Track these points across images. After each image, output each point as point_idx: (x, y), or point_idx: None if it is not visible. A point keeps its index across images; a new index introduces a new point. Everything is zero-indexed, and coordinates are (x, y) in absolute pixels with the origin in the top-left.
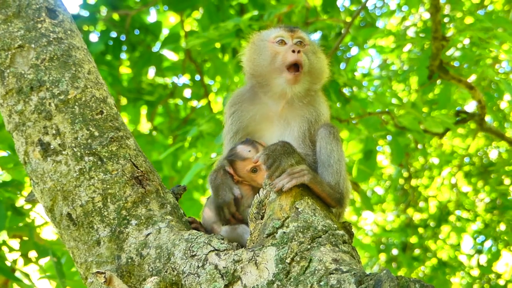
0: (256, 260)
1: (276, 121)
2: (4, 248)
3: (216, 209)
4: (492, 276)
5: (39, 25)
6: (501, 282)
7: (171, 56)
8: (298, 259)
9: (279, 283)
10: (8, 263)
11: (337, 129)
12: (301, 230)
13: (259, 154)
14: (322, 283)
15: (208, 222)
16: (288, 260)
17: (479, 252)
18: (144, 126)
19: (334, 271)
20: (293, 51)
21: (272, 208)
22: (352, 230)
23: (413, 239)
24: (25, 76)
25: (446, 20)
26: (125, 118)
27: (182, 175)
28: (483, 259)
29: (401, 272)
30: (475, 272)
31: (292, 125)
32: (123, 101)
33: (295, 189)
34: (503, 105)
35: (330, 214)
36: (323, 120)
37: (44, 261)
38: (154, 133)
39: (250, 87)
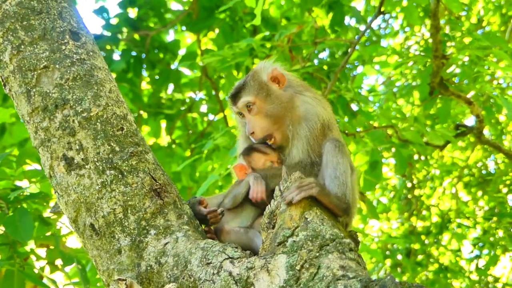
0: (268, 267)
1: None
2: (32, 257)
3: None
4: (490, 279)
5: (63, 47)
6: (499, 285)
7: (188, 73)
8: (308, 266)
9: None
10: (36, 271)
11: (343, 143)
12: (310, 238)
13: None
14: None
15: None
16: (298, 267)
17: (478, 257)
18: (164, 140)
19: (341, 277)
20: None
21: (282, 218)
22: (358, 238)
23: (417, 246)
24: (50, 95)
25: (446, 39)
26: (146, 130)
27: (200, 185)
28: (482, 264)
29: (405, 277)
30: (475, 277)
31: (294, 143)
32: (144, 115)
33: (304, 200)
34: (502, 118)
35: (337, 224)
36: (321, 120)
37: (70, 268)
38: (173, 146)
39: None
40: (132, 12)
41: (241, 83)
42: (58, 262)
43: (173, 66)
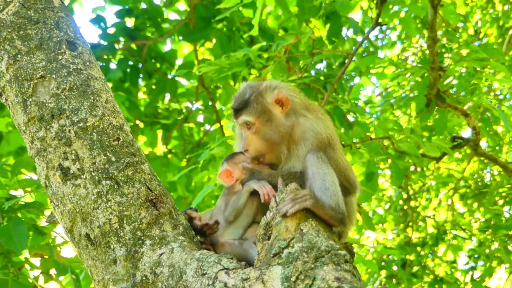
0: (263, 278)
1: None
2: (26, 266)
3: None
4: None
5: (60, 57)
6: None
7: (185, 83)
8: (303, 277)
9: None
10: (30, 280)
11: (323, 152)
12: (306, 250)
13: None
14: None
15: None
16: (293, 279)
17: (474, 269)
18: (160, 149)
19: None
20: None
21: (278, 230)
22: (353, 250)
23: (412, 257)
24: (47, 104)
25: (443, 50)
26: (143, 140)
27: (196, 196)
28: (478, 275)
29: None
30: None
31: (292, 161)
32: (141, 124)
33: (299, 212)
34: (500, 129)
35: (332, 235)
36: (320, 139)
37: (62, 277)
38: (169, 156)
39: None
40: (129, 22)
41: (245, 98)
42: (53, 271)
43: (169, 76)
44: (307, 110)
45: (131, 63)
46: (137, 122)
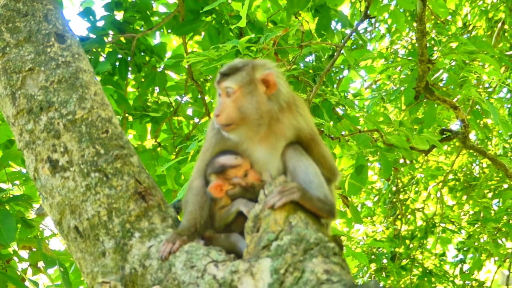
0: (252, 270)
1: (258, 141)
2: (15, 258)
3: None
4: (474, 284)
5: (48, 49)
6: None
7: (174, 76)
8: (292, 270)
9: None
10: (18, 273)
11: (299, 145)
12: (294, 242)
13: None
14: None
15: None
16: (282, 271)
17: (463, 261)
18: (149, 142)
19: (325, 281)
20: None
21: (267, 222)
22: (342, 243)
23: (401, 249)
24: (35, 97)
25: (432, 42)
26: (132, 133)
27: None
28: (467, 268)
29: (390, 281)
30: (459, 281)
31: (276, 144)
32: (130, 117)
33: (288, 204)
34: (489, 121)
35: (321, 228)
36: (308, 130)
37: (52, 270)
38: (159, 149)
39: None
40: (119, 15)
41: (236, 67)
42: (41, 264)
43: (159, 69)
44: (288, 105)
45: (120, 56)
46: (126, 115)
